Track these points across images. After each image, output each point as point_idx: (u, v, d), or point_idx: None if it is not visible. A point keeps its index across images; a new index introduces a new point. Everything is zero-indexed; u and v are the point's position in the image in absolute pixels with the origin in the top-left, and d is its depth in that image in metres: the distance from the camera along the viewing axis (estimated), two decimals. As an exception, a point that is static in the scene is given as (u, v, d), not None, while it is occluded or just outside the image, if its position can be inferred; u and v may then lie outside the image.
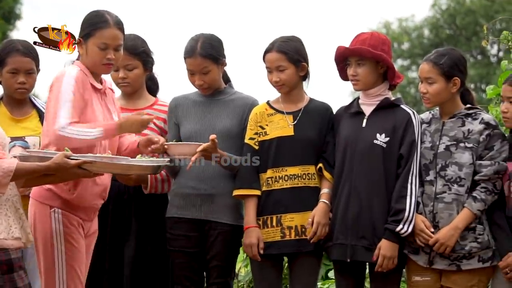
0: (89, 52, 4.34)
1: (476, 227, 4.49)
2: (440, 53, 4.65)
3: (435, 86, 4.58)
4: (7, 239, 3.82)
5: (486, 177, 4.48)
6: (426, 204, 4.57)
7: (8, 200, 3.90)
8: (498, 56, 33.06)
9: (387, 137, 4.66)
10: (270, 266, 4.85)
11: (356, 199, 4.65)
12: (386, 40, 4.79)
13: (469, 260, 4.51)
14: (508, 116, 4.51)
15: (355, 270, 4.76)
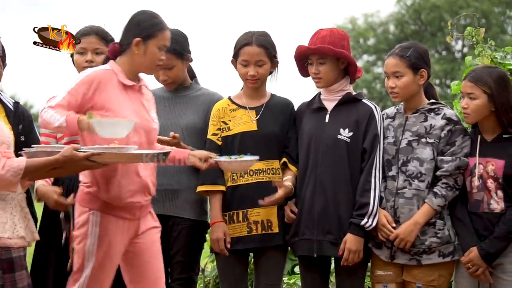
0: (148, 52, 4.30)
1: (436, 222, 4.52)
2: (405, 46, 4.67)
3: (403, 79, 4.60)
4: (12, 238, 3.80)
5: (447, 172, 4.51)
6: (388, 199, 4.59)
7: (14, 199, 3.89)
8: (462, 51, 33.32)
9: (351, 131, 4.68)
10: (236, 261, 4.85)
11: (322, 194, 4.65)
12: (345, 36, 4.81)
13: (430, 255, 4.54)
14: (468, 112, 4.54)
15: (321, 265, 4.77)
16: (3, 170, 3.71)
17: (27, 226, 3.91)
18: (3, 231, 3.78)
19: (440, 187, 4.52)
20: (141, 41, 4.27)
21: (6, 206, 3.84)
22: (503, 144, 4.52)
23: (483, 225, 4.48)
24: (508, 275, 4.48)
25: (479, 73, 4.54)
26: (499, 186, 4.47)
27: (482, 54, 6.09)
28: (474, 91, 4.50)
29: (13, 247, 3.80)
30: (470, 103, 4.53)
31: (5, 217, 3.81)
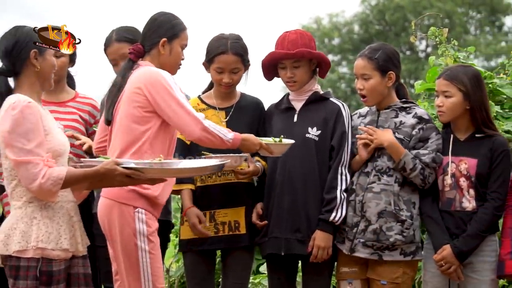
0: (173, 52, 4.36)
1: (405, 222, 4.54)
2: (374, 48, 4.69)
3: (371, 81, 4.62)
4: (54, 250, 3.77)
5: (424, 164, 4.52)
6: (358, 193, 4.61)
7: (62, 208, 3.86)
8: (426, 51, 33.51)
9: (319, 130, 4.70)
10: (202, 261, 4.86)
11: (291, 193, 4.67)
12: (312, 37, 4.87)
13: (392, 251, 4.56)
14: (443, 110, 4.56)
15: (288, 264, 4.78)
16: (43, 179, 3.70)
17: (73, 236, 3.87)
18: (47, 242, 3.76)
19: (420, 166, 4.53)
20: (167, 41, 4.30)
21: (54, 215, 3.81)
22: (476, 143, 4.56)
23: (455, 224, 4.52)
24: (478, 274, 4.52)
25: (454, 72, 4.57)
26: (472, 184, 4.51)
27: (445, 54, 6.14)
28: (449, 89, 4.53)
29: (55, 259, 3.77)
30: (445, 101, 4.55)
31: (51, 227, 3.79)
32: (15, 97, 3.79)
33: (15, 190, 3.81)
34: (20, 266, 3.73)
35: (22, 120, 3.72)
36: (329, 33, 35.77)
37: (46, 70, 3.89)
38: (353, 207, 4.62)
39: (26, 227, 3.75)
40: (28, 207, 3.78)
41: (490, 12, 34.44)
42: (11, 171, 3.80)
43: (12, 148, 3.72)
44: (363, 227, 4.58)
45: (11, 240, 3.74)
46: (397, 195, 4.56)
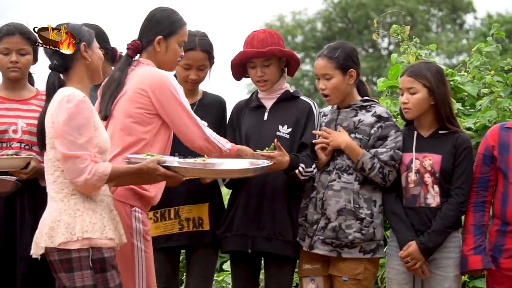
0: (170, 49, 4.30)
1: (364, 219, 4.56)
2: (332, 47, 4.71)
3: (333, 81, 4.64)
4: (101, 239, 3.78)
5: (382, 163, 4.56)
6: (318, 191, 4.63)
7: (103, 201, 3.87)
8: (388, 49, 33.72)
9: (289, 128, 4.71)
10: (167, 258, 4.86)
11: (258, 191, 4.68)
12: (280, 35, 4.89)
13: (351, 249, 4.58)
14: (409, 107, 4.58)
15: (251, 261, 4.79)
16: (89, 175, 3.73)
17: (116, 228, 3.88)
18: (93, 231, 3.76)
19: (378, 165, 4.56)
20: (162, 39, 4.27)
21: (96, 207, 3.82)
22: (440, 140, 4.59)
23: (419, 220, 4.54)
24: (441, 270, 4.55)
25: (418, 68, 4.60)
26: (436, 181, 4.54)
27: (408, 51, 6.19)
28: (414, 85, 4.56)
29: (104, 247, 3.78)
30: (410, 97, 4.57)
31: (95, 217, 3.79)
32: (69, 90, 3.82)
33: (56, 181, 3.83)
34: (72, 258, 3.74)
35: (77, 114, 3.75)
36: (292, 30, 35.88)
37: (96, 62, 3.94)
38: (314, 205, 4.64)
39: (70, 219, 3.76)
40: (70, 199, 3.79)
41: (451, 10, 34.75)
42: (54, 162, 3.82)
43: (63, 140, 3.75)
44: (323, 225, 4.60)
45: (55, 233, 3.75)
46: (357, 193, 4.59)
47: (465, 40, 33.75)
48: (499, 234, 4.48)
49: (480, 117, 5.88)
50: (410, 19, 31.90)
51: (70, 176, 3.76)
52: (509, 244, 4.44)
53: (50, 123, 3.81)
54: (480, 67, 6.32)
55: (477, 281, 5.39)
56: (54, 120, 3.78)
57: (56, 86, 3.87)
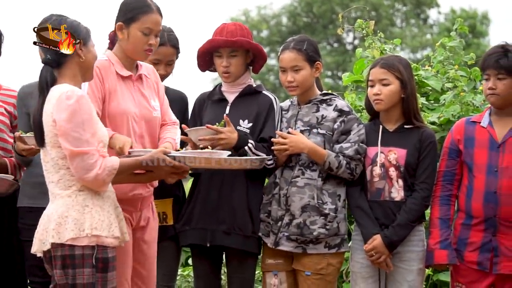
0: (131, 37, 4.24)
1: (328, 215, 4.57)
2: (299, 40, 4.71)
3: (302, 73, 4.64)
4: (108, 237, 3.77)
5: (348, 158, 4.57)
6: (282, 187, 4.63)
7: (109, 198, 3.86)
8: (353, 44, 33.84)
9: (250, 122, 4.70)
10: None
11: (217, 185, 4.67)
12: (249, 31, 4.89)
13: (316, 245, 4.59)
14: (381, 98, 4.58)
15: (213, 255, 4.79)
16: (100, 169, 3.73)
17: (120, 225, 3.87)
18: (101, 229, 3.75)
19: (345, 162, 4.57)
20: (123, 25, 4.22)
21: (104, 204, 3.81)
22: (405, 134, 4.61)
23: (384, 214, 4.56)
24: (405, 264, 4.58)
25: (390, 60, 4.62)
26: (401, 174, 4.55)
27: (372, 46, 6.21)
28: (387, 77, 4.57)
29: (109, 246, 3.77)
30: (383, 89, 4.58)
31: (103, 215, 3.78)
32: (65, 86, 3.79)
33: (62, 179, 3.80)
34: (75, 254, 3.72)
35: (79, 110, 3.73)
36: (258, 25, 35.89)
37: (90, 60, 3.92)
38: (278, 201, 4.64)
39: (78, 215, 3.74)
40: (78, 195, 3.78)
41: (415, 5, 34.96)
42: (58, 161, 3.79)
43: (68, 137, 3.72)
44: (287, 221, 4.61)
45: (63, 228, 3.73)
46: (320, 189, 4.59)
47: (429, 35, 33.99)
48: (464, 227, 4.52)
49: (444, 111, 5.92)
50: (374, 14, 32.03)
51: (80, 173, 3.74)
52: (473, 238, 4.48)
53: (51, 122, 3.77)
54: (444, 61, 6.36)
55: (441, 274, 5.42)
56: (56, 118, 3.74)
57: (49, 81, 3.83)
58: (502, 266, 4.42)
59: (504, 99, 4.47)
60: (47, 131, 3.79)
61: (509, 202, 4.40)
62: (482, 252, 4.45)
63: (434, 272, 5.58)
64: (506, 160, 4.43)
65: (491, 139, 4.49)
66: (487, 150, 4.48)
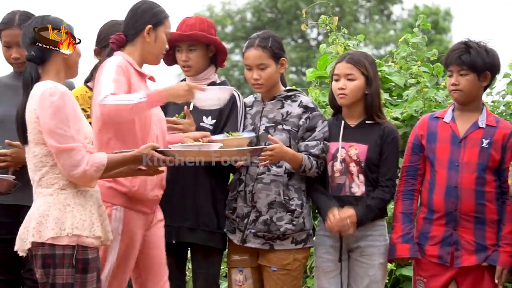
0: (158, 40, 4.30)
1: (295, 211, 4.59)
2: (263, 37, 4.70)
3: (268, 70, 4.64)
4: (89, 237, 3.73)
5: (315, 157, 4.57)
6: (247, 183, 4.63)
7: (92, 196, 3.82)
8: (317, 40, 33.91)
9: (213, 119, 4.70)
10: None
11: (181, 182, 4.66)
12: (213, 24, 4.87)
13: (283, 241, 4.60)
14: (346, 93, 4.59)
15: (178, 252, 4.78)
16: (87, 165, 3.69)
17: (102, 224, 3.82)
18: (82, 229, 3.71)
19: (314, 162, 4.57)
20: (152, 28, 4.24)
21: (86, 203, 3.77)
22: (366, 130, 4.63)
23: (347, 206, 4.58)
24: (367, 258, 4.60)
25: (356, 56, 4.63)
26: (361, 170, 4.57)
27: (336, 42, 6.24)
28: (353, 72, 4.58)
29: (90, 247, 3.72)
30: (348, 84, 4.59)
31: (84, 214, 3.74)
32: (48, 83, 3.76)
33: (44, 177, 3.76)
34: (56, 254, 3.68)
35: (63, 107, 3.70)
36: (222, 20, 35.80)
37: (74, 57, 3.90)
38: (243, 198, 4.64)
39: (59, 214, 3.71)
40: (60, 193, 3.74)
41: (379, 1, 35.09)
42: (41, 158, 3.76)
43: (53, 135, 3.69)
44: (253, 218, 4.61)
45: (44, 227, 3.69)
46: (286, 185, 4.60)
47: (393, 31, 34.15)
48: (426, 221, 4.56)
49: (407, 107, 5.96)
50: (338, 10, 32.14)
51: (67, 169, 3.71)
52: (435, 232, 4.52)
53: (34, 118, 3.74)
54: (407, 57, 6.40)
55: (404, 269, 5.47)
56: (39, 115, 3.71)
57: (34, 77, 3.80)
58: (463, 259, 4.47)
59: (467, 95, 4.52)
60: (31, 128, 3.76)
61: (469, 196, 4.46)
62: (443, 246, 4.50)
63: (397, 267, 5.62)
64: (467, 155, 4.49)
65: (453, 134, 4.54)
66: (449, 145, 4.53)
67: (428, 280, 4.54)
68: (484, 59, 4.49)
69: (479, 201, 4.47)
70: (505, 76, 6.16)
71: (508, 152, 4.49)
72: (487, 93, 6.18)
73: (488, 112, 4.60)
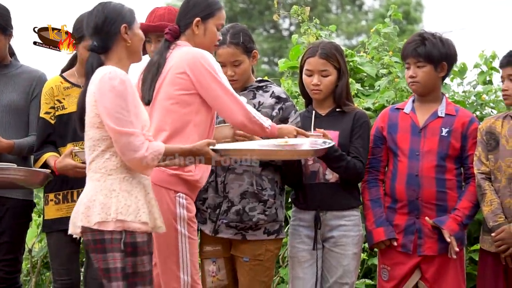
0: (208, 32, 4.25)
1: (267, 201, 4.59)
2: (233, 32, 4.67)
3: (242, 66, 4.63)
4: (134, 222, 3.69)
5: None
6: (219, 174, 4.62)
7: (140, 183, 3.77)
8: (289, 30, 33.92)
9: None
10: (68, 241, 4.77)
11: None
12: None
13: (255, 231, 4.61)
14: (320, 89, 4.61)
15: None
16: (146, 152, 3.67)
17: (150, 212, 3.78)
18: (127, 214, 3.69)
19: None
20: (200, 21, 4.22)
21: (132, 189, 3.73)
22: (337, 117, 4.65)
23: (320, 196, 4.59)
24: (340, 248, 4.61)
25: (328, 49, 4.62)
26: (334, 156, 4.60)
27: (308, 32, 6.25)
28: (327, 68, 4.60)
29: (137, 231, 3.70)
30: (323, 79, 4.61)
31: (130, 200, 3.71)
32: (108, 68, 3.73)
33: (94, 161, 3.75)
34: (105, 239, 3.68)
35: (122, 91, 3.67)
36: (194, 10, 35.72)
37: (136, 43, 3.87)
38: (214, 188, 4.63)
39: (105, 199, 3.69)
40: (107, 179, 3.73)
41: (351, -9, 35.15)
42: (94, 142, 3.74)
43: (113, 118, 3.66)
44: (225, 208, 4.60)
45: (91, 212, 3.68)
46: (259, 175, 4.60)
47: (364, 21, 34.21)
48: (390, 210, 4.62)
49: (378, 97, 5.98)
50: (310, 0, 32.13)
51: (125, 153, 3.69)
52: (398, 220, 4.58)
53: (92, 102, 3.71)
54: (379, 48, 6.43)
55: (375, 258, 5.49)
56: (98, 98, 3.69)
57: (94, 67, 3.79)
58: (426, 247, 4.54)
59: (425, 86, 4.59)
60: (88, 111, 3.75)
61: (430, 184, 4.52)
62: (406, 234, 4.56)
63: (368, 257, 5.65)
64: (427, 144, 4.56)
65: (413, 124, 4.61)
66: (409, 135, 4.60)
67: (392, 268, 4.59)
68: (439, 50, 4.55)
69: (440, 189, 4.53)
70: (475, 67, 6.21)
71: (469, 140, 4.56)
72: (458, 83, 6.23)
73: (447, 101, 4.68)
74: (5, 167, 4.53)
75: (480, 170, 4.51)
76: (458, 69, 6.17)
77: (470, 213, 4.53)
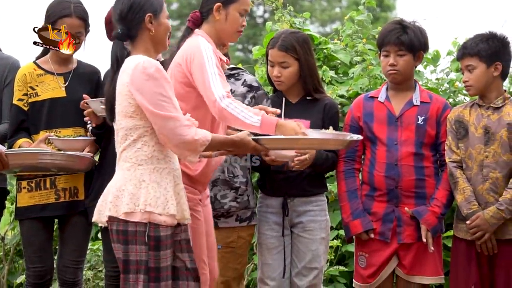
0: (229, 18, 4.13)
1: (239, 188, 4.59)
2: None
3: (289, 69, 4.62)
4: (162, 215, 3.64)
5: None
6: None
7: (170, 174, 3.72)
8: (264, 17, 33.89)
9: None
10: (41, 228, 4.79)
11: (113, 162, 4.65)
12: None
13: (227, 218, 4.61)
14: (282, 80, 4.61)
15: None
16: (196, 136, 3.63)
17: (179, 203, 3.74)
18: (155, 206, 3.64)
19: None
20: (221, 6, 4.12)
21: (161, 180, 3.68)
22: (308, 105, 4.66)
23: (289, 184, 4.60)
24: (308, 233, 4.63)
25: (288, 41, 4.60)
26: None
27: (282, 19, 6.25)
28: (286, 60, 4.59)
29: (162, 225, 3.65)
30: (283, 71, 4.60)
31: (158, 191, 3.66)
32: (141, 57, 3.67)
33: (125, 150, 3.70)
34: (128, 230, 3.65)
35: (160, 79, 3.62)
36: (167, -3, 35.62)
37: (161, 33, 3.80)
38: (187, 176, 4.64)
39: (134, 190, 3.65)
40: (137, 169, 3.68)
41: (325, -21, 35.17)
42: (126, 131, 3.69)
43: (155, 105, 3.61)
44: (197, 195, 4.61)
45: (120, 202, 3.64)
46: (230, 163, 4.61)
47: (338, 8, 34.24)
48: (367, 198, 4.62)
49: (352, 84, 6.00)
50: (284, -13, 32.12)
51: (173, 138, 3.63)
52: (376, 208, 4.58)
53: (125, 91, 3.65)
54: (353, 35, 6.44)
55: (349, 245, 5.51)
56: (135, 88, 3.62)
57: (119, 55, 3.74)
58: (405, 235, 4.54)
59: (404, 75, 4.59)
60: (120, 101, 3.69)
61: (409, 173, 4.53)
62: (384, 222, 4.56)
63: (342, 244, 5.67)
64: (405, 133, 4.56)
65: (389, 113, 4.60)
66: (386, 125, 4.59)
67: (369, 256, 4.60)
68: (419, 39, 4.57)
69: (419, 176, 4.54)
70: (449, 54, 6.24)
71: (443, 127, 4.58)
72: (431, 70, 6.26)
73: (421, 89, 4.68)
74: (53, 152, 4.50)
75: (451, 158, 4.53)
76: (431, 56, 6.19)
77: (448, 202, 4.54)
